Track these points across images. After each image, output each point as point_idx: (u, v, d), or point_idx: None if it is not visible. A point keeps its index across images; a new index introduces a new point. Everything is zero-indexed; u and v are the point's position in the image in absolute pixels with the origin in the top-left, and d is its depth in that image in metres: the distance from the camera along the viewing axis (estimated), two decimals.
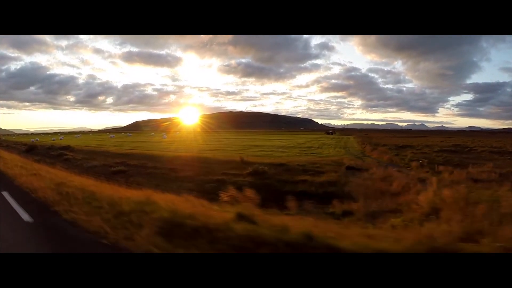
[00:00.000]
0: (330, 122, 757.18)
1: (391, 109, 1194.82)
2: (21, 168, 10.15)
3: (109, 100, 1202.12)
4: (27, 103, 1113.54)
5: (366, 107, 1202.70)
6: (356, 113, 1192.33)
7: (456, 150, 33.67)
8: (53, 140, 61.09)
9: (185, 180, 12.99)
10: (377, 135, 78.40)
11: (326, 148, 33.18)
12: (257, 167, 14.18)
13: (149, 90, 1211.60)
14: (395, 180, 13.08)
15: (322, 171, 15.69)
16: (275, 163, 17.05)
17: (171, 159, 18.73)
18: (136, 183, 12.56)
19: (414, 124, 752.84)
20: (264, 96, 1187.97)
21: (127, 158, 20.50)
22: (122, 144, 40.01)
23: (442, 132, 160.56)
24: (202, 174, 13.81)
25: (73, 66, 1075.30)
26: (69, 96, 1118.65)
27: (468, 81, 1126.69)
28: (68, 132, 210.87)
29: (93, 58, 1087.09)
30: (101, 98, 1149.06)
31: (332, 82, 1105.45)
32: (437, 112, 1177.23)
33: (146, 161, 18.35)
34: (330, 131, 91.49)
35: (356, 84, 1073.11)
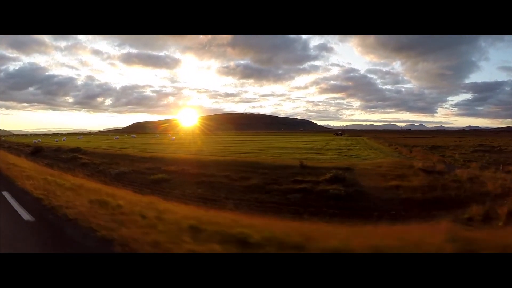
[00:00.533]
0: (329, 123, 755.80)
1: (390, 110, 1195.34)
2: (65, 189, 6.57)
3: (108, 101, 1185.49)
4: (25, 104, 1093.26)
5: (365, 108, 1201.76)
6: (355, 114, 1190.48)
7: (487, 149, 32.44)
8: (56, 141, 58.13)
9: (257, 190, 10.63)
10: (388, 136, 76.40)
11: (357, 150, 30.92)
12: (336, 173, 12.30)
13: (147, 92, 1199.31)
14: (487, 182, 12.47)
15: (400, 175, 14.04)
16: (339, 167, 14.86)
17: (211, 164, 16.24)
18: (202, 197, 10.23)
19: (413, 124, 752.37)
20: (263, 97, 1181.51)
21: (156, 162, 17.98)
22: (134, 146, 37.37)
23: (442, 132, 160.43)
24: (270, 182, 11.52)
25: (71, 67, 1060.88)
26: (68, 97, 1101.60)
27: (467, 81, 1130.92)
28: (67, 133, 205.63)
29: (92, 59, 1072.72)
30: (99, 99, 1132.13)
31: (331, 83, 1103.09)
32: (436, 112, 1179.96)
33: (183, 166, 15.84)
34: (339, 133, 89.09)
35: (355, 85, 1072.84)
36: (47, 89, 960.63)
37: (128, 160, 19.77)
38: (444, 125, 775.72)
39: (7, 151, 33.05)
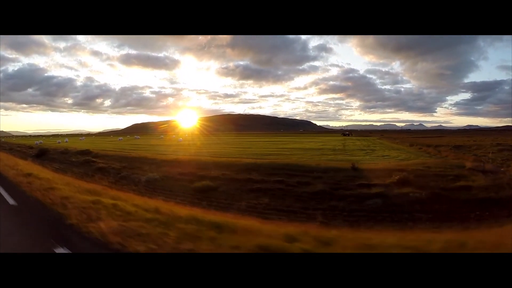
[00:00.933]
0: (328, 124, 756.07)
1: (389, 110, 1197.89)
2: (161, 227, 3.98)
3: (107, 102, 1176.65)
4: (24, 105, 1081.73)
5: (364, 108, 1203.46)
6: (354, 114, 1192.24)
7: (509, 148, 31.49)
8: (58, 142, 56.02)
9: (328, 197, 9.45)
10: (396, 136, 75.07)
11: (382, 151, 29.55)
12: (405, 176, 11.68)
13: (147, 93, 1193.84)
14: None
15: (457, 175, 13.54)
16: (390, 168, 13.82)
17: (249, 167, 14.65)
18: (275, 209, 8.73)
19: (412, 124, 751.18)
20: (262, 98, 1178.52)
21: (185, 166, 16.38)
22: (145, 148, 35.64)
23: (445, 132, 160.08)
24: (334, 186, 10.47)
25: (71, 68, 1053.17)
26: (67, 98, 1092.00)
27: (466, 80, 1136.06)
28: (67, 134, 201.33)
29: (91, 60, 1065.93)
30: (99, 100, 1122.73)
31: (330, 83, 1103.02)
32: (435, 112, 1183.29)
33: (219, 170, 14.23)
34: (347, 133, 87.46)
35: (354, 85, 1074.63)
36: (46, 90, 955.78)
37: (150, 164, 18.11)
38: (443, 124, 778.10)
39: (11, 154, 31.12)
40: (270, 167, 14.01)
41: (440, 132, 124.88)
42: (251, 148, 30.92)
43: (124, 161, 20.74)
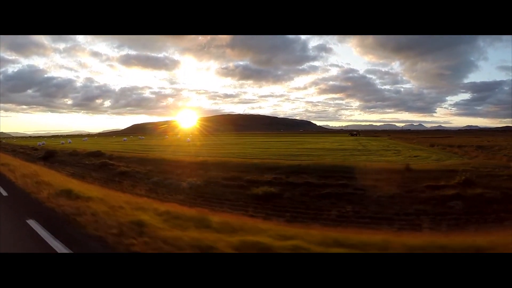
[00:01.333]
0: (328, 124, 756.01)
1: (389, 110, 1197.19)
2: None
3: (107, 103, 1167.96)
4: (24, 106, 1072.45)
5: (364, 108, 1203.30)
6: (354, 114, 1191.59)
7: None
8: (62, 143, 54.54)
9: (408, 200, 8.72)
10: (406, 137, 74.40)
11: (407, 151, 28.50)
12: (469, 176, 11.29)
13: (146, 93, 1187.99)
14: None
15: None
16: (441, 169, 13.36)
17: (295, 169, 13.50)
18: (362, 215, 7.70)
19: (412, 124, 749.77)
20: (262, 98, 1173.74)
21: (221, 169, 15.18)
22: (156, 149, 34.32)
23: (445, 132, 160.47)
24: (404, 189, 9.50)
25: (70, 69, 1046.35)
26: (67, 99, 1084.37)
27: (466, 81, 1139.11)
28: (67, 135, 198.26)
29: (91, 61, 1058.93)
30: (98, 101, 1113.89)
31: (330, 83, 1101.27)
32: (435, 112, 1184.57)
33: (266, 173, 13.00)
34: (355, 133, 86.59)
35: (354, 85, 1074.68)
36: (46, 91, 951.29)
37: (179, 167, 16.83)
38: (443, 124, 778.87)
39: (18, 157, 29.62)
40: (319, 169, 12.87)
41: (446, 133, 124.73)
42: (271, 149, 29.77)
43: (146, 164, 19.45)
